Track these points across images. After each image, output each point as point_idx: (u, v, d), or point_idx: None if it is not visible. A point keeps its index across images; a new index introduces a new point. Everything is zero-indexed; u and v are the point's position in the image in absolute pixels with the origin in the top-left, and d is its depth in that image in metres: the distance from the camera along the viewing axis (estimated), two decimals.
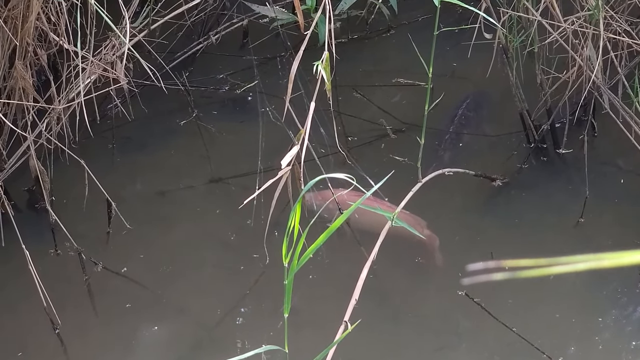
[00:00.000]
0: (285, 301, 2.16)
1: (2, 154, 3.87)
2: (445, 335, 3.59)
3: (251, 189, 3.11)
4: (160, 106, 4.48)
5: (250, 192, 2.96)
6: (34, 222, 4.01)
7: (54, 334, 3.63)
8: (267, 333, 3.58)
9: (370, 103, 4.52)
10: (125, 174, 4.26)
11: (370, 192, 2.09)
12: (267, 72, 4.69)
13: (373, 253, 2.81)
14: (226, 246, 3.95)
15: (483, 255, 3.82)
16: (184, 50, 4.69)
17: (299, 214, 2.07)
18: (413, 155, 3.98)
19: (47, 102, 3.86)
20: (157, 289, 3.78)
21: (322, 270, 3.80)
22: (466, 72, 4.59)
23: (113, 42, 3.87)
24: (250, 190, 3.03)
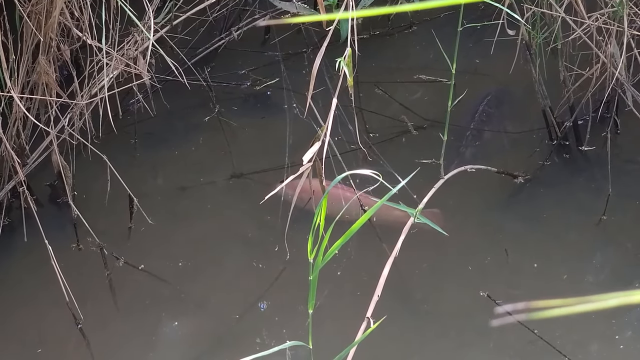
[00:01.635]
0: (310, 297, 2.16)
1: (25, 148, 3.88)
2: (466, 333, 3.58)
3: (272, 184, 3.11)
4: (182, 102, 4.48)
5: (272, 188, 2.96)
6: (56, 217, 4.02)
7: (76, 328, 3.63)
8: (289, 329, 3.58)
9: (391, 99, 4.52)
10: (147, 170, 4.26)
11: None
12: (289, 68, 4.68)
13: (395, 249, 2.80)
14: (247, 242, 3.95)
15: (503, 253, 3.81)
16: (206, 46, 4.70)
17: (324, 210, 2.07)
18: (434, 152, 3.98)
19: (70, 97, 3.87)
20: (178, 284, 3.79)
21: (342, 266, 3.80)
22: (488, 68, 4.57)
23: (135, 38, 3.87)
24: (272, 186, 3.03)
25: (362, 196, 3.67)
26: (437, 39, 3.62)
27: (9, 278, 3.82)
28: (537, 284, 3.72)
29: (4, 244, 3.87)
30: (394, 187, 2.19)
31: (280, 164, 4.14)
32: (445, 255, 3.85)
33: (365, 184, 3.76)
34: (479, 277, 3.76)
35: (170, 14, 4.30)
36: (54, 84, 3.60)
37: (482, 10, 4.58)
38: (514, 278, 3.74)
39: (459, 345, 3.55)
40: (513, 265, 3.79)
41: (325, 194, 2.08)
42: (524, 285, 3.72)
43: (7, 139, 3.67)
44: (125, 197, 3.94)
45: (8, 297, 3.76)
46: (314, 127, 3.92)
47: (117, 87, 3.87)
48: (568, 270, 3.76)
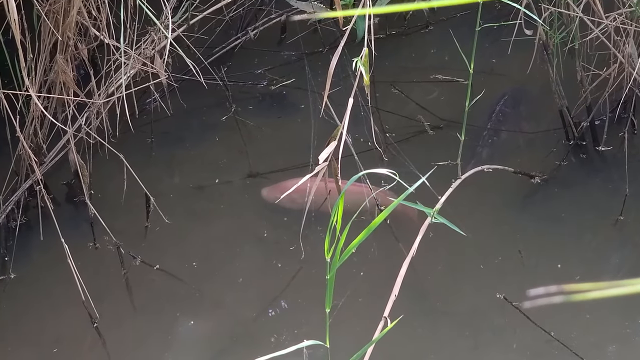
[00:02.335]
0: (327, 296, 2.16)
1: (42, 147, 3.89)
2: (483, 333, 3.57)
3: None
4: (199, 101, 4.49)
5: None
6: (73, 216, 4.03)
7: (92, 327, 3.64)
8: (306, 329, 3.58)
9: (408, 99, 4.51)
10: (163, 169, 4.27)
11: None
12: (305, 68, 4.68)
13: (413, 249, 2.80)
14: (263, 241, 3.95)
15: (520, 253, 3.81)
16: (222, 45, 4.70)
17: (341, 209, 2.07)
18: (451, 151, 3.98)
19: (87, 96, 3.88)
20: (194, 284, 3.79)
21: (358, 266, 3.79)
22: (505, 68, 4.56)
23: (152, 37, 3.88)
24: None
25: (372, 191, 3.70)
26: (454, 39, 3.61)
27: (26, 276, 3.83)
28: (553, 284, 3.70)
29: (21, 242, 3.88)
30: (410, 187, 2.18)
31: (296, 163, 4.14)
32: (461, 255, 3.85)
33: (382, 183, 3.78)
34: (494, 277, 3.76)
35: (187, 13, 4.30)
36: (71, 83, 3.60)
37: (499, 10, 4.57)
38: (530, 278, 3.74)
39: (475, 345, 3.54)
40: (529, 266, 3.78)
41: (342, 194, 2.08)
42: (540, 285, 3.70)
43: (25, 138, 3.67)
44: (142, 196, 3.94)
45: (25, 295, 3.78)
46: (331, 126, 3.92)
47: (134, 86, 3.87)
48: (585, 270, 3.76)
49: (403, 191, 2.24)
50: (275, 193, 3.99)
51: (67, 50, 3.63)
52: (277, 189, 3.99)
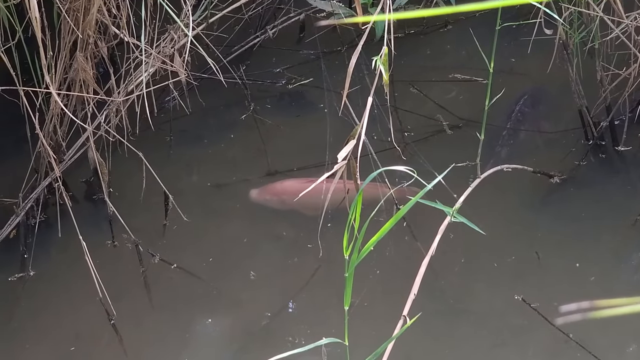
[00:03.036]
0: (346, 294, 2.16)
1: (62, 145, 3.90)
2: (500, 333, 3.57)
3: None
4: (217, 99, 4.50)
5: None
6: (92, 214, 4.04)
7: (109, 324, 3.65)
8: (323, 327, 3.57)
9: (426, 98, 4.51)
10: (182, 167, 4.28)
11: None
12: (324, 67, 4.68)
13: (432, 248, 2.79)
14: (280, 240, 3.95)
15: (538, 252, 3.80)
16: (241, 44, 4.71)
17: (359, 207, 2.07)
18: (469, 151, 3.97)
19: (106, 94, 3.89)
20: (212, 282, 3.79)
21: (376, 264, 3.79)
22: (524, 68, 4.55)
23: (172, 35, 3.88)
24: None
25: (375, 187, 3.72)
26: (474, 38, 3.60)
27: (45, 274, 3.84)
28: (571, 284, 3.70)
29: (40, 240, 3.90)
30: (427, 185, 2.18)
31: (315, 162, 4.14)
32: (478, 255, 3.84)
33: (397, 180, 3.77)
34: (512, 276, 3.75)
35: (207, 11, 4.31)
36: (91, 80, 3.61)
37: (518, 9, 4.56)
38: (548, 278, 3.73)
39: (493, 344, 3.54)
40: (546, 266, 3.77)
41: (360, 192, 2.08)
42: (558, 285, 3.70)
43: (44, 136, 3.69)
44: (160, 194, 3.95)
45: (44, 293, 3.79)
46: (349, 125, 3.92)
47: (153, 84, 3.88)
48: (603, 270, 3.75)
49: (416, 188, 2.24)
50: (264, 195, 3.99)
51: (87, 48, 3.64)
52: (266, 191, 4.00)
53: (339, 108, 3.23)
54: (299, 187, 3.86)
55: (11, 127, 4.16)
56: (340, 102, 3.02)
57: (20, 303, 3.77)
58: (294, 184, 3.96)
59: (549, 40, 3.94)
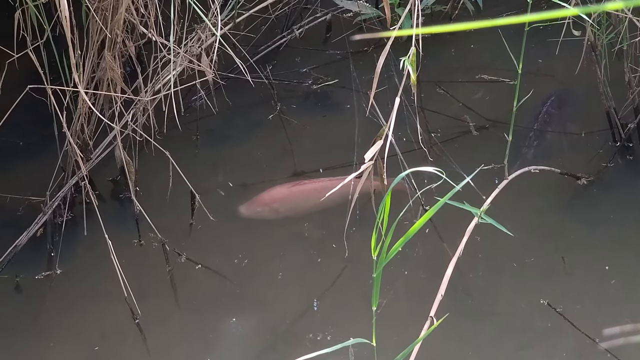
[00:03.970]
0: (374, 294, 2.16)
1: (89, 144, 3.92)
2: (525, 335, 3.56)
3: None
4: (244, 99, 4.50)
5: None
6: (118, 213, 4.05)
7: (133, 323, 3.66)
8: (349, 327, 3.57)
9: (452, 99, 4.50)
10: (208, 166, 4.28)
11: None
12: (350, 67, 4.68)
13: (459, 249, 2.79)
14: (306, 240, 3.95)
15: (565, 254, 3.78)
16: (268, 44, 4.71)
17: (388, 207, 2.07)
18: (495, 152, 3.95)
19: (133, 93, 3.90)
20: (238, 281, 3.80)
21: (403, 265, 3.79)
22: (551, 69, 4.54)
23: (199, 35, 3.89)
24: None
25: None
26: (503, 39, 3.59)
27: (72, 272, 3.85)
28: (597, 288, 3.69)
29: (67, 238, 3.91)
30: (456, 187, 2.18)
31: (341, 162, 4.14)
32: (504, 256, 3.83)
33: (425, 182, 3.77)
34: (537, 279, 3.74)
35: (234, 11, 4.32)
36: (119, 79, 3.62)
37: (546, 10, 4.54)
38: (574, 281, 3.71)
39: (518, 346, 3.53)
40: (573, 268, 3.76)
41: (389, 192, 2.08)
42: (584, 288, 3.69)
43: (72, 134, 3.70)
44: (186, 194, 3.96)
45: (70, 291, 3.80)
46: (375, 126, 3.92)
47: (180, 84, 3.89)
48: (630, 274, 3.73)
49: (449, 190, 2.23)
50: (254, 207, 3.97)
51: (114, 47, 3.65)
52: (256, 203, 3.98)
53: (366, 108, 3.24)
54: (288, 193, 3.89)
55: (38, 126, 4.19)
56: (366, 103, 3.03)
57: (47, 301, 3.78)
58: (281, 190, 3.96)
59: (577, 42, 3.93)
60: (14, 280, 3.81)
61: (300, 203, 3.94)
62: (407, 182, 3.72)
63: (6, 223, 3.99)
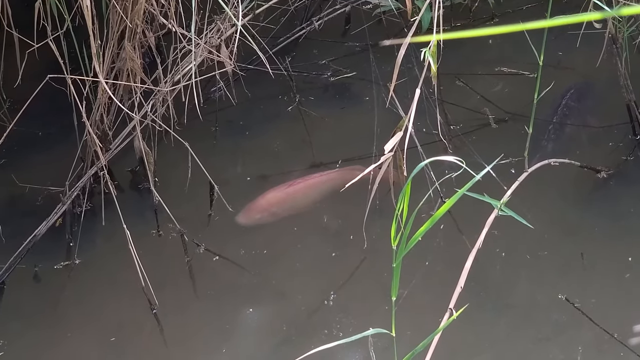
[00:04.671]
0: (393, 284, 2.16)
1: (108, 134, 3.92)
2: (542, 328, 3.55)
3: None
4: (262, 90, 4.50)
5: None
6: (137, 203, 4.06)
7: (151, 314, 3.66)
8: (367, 318, 3.57)
9: (471, 92, 4.49)
10: (227, 157, 4.29)
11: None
12: (369, 59, 4.68)
13: (479, 241, 2.78)
14: (326, 231, 3.95)
15: (582, 248, 3.77)
16: (287, 35, 4.71)
17: (407, 197, 2.06)
18: (514, 145, 3.94)
19: (153, 83, 3.90)
20: (257, 272, 3.80)
21: (421, 257, 3.78)
22: (571, 62, 4.52)
23: (219, 26, 3.89)
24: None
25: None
26: (525, 32, 3.58)
27: (91, 262, 3.87)
28: (616, 282, 3.67)
29: (86, 228, 3.92)
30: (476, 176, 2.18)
31: (360, 154, 4.14)
32: (521, 249, 3.82)
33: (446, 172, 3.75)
34: (555, 272, 3.73)
35: (253, 2, 4.31)
36: (139, 70, 3.63)
37: (566, 3, 4.53)
38: (592, 275, 3.70)
39: (535, 339, 3.52)
40: (591, 262, 3.75)
41: (409, 182, 2.08)
42: (603, 282, 3.68)
43: (91, 124, 3.70)
44: (204, 184, 3.96)
45: (89, 280, 3.81)
46: (394, 118, 3.91)
47: (199, 75, 3.89)
48: None
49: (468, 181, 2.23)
50: (253, 215, 3.95)
51: (134, 38, 3.65)
52: (253, 211, 3.96)
53: (385, 100, 3.22)
54: (283, 195, 3.90)
55: (58, 116, 4.20)
56: (385, 95, 3.02)
57: (65, 291, 3.79)
58: (276, 194, 3.96)
59: (597, 35, 3.91)
60: (32, 270, 3.83)
61: (296, 202, 3.94)
62: (427, 173, 3.71)
63: (25, 213, 4.01)
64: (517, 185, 3.41)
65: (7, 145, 3.74)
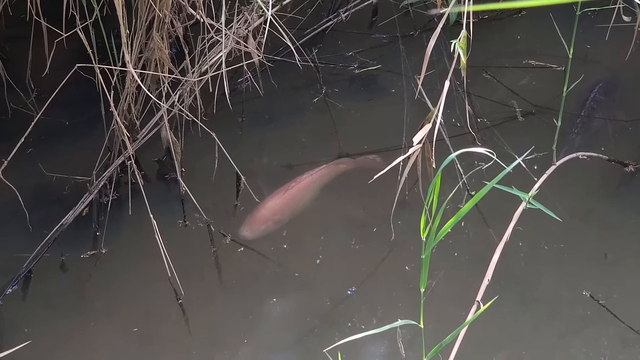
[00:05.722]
0: (422, 276, 2.15)
1: (136, 124, 3.93)
2: (568, 323, 3.54)
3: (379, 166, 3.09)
4: (289, 82, 4.50)
5: (378, 169, 2.89)
6: (163, 193, 4.07)
7: (176, 304, 3.67)
8: (391, 309, 3.58)
9: (499, 84, 4.48)
10: (253, 148, 4.28)
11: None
12: (396, 51, 4.67)
13: (506, 234, 2.78)
14: (352, 222, 3.95)
15: (610, 243, 3.76)
16: (314, 27, 4.71)
17: (437, 188, 2.06)
18: (541, 138, 3.94)
19: (180, 74, 3.90)
20: (282, 263, 3.80)
21: (446, 248, 3.78)
22: (599, 55, 4.50)
23: (246, 17, 3.89)
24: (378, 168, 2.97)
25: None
26: (545, 25, 3.57)
27: (117, 251, 3.87)
28: None
29: (112, 218, 3.93)
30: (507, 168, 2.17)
31: (386, 146, 4.14)
32: (546, 243, 3.81)
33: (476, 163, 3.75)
34: (580, 267, 3.72)
35: None
36: (167, 60, 3.63)
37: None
38: (616, 270, 3.70)
39: (561, 334, 3.52)
40: (617, 258, 3.74)
41: (439, 174, 2.07)
42: (627, 278, 3.67)
43: (118, 114, 3.71)
44: (231, 175, 3.97)
45: (115, 270, 3.82)
46: (422, 109, 3.92)
47: (226, 65, 3.89)
48: None
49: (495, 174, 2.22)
50: (257, 227, 3.92)
51: (163, 28, 3.66)
52: (256, 223, 3.93)
53: (412, 92, 3.22)
54: (282, 201, 3.90)
55: (84, 106, 4.21)
56: (412, 87, 3.02)
57: (92, 280, 3.80)
58: (276, 201, 3.95)
59: (627, 28, 3.89)
60: (59, 259, 3.84)
61: (295, 205, 3.94)
62: (456, 164, 3.71)
63: (52, 202, 4.02)
64: (541, 178, 3.41)
65: (34, 134, 3.74)
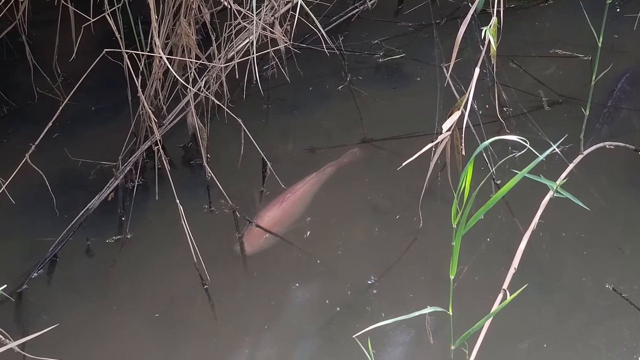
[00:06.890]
0: (452, 263, 2.15)
1: (162, 109, 3.94)
2: (592, 313, 3.54)
3: (404, 154, 3.08)
4: (314, 69, 4.50)
5: (403, 157, 2.88)
6: (189, 179, 4.07)
7: (202, 289, 3.68)
8: (415, 297, 3.57)
9: (525, 74, 4.46)
10: (278, 135, 4.29)
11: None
12: (422, 39, 4.66)
13: (533, 223, 2.77)
14: (376, 210, 3.95)
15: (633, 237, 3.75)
16: (340, 14, 4.70)
17: (470, 175, 2.06)
18: (567, 127, 3.92)
19: (207, 60, 3.91)
20: (307, 250, 3.80)
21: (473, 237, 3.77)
22: (626, 45, 4.48)
23: (272, 4, 3.88)
24: (403, 156, 2.94)
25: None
26: (570, 14, 3.55)
27: (142, 237, 3.88)
28: None
29: (138, 203, 3.94)
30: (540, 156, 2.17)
31: (411, 132, 4.13)
32: (572, 233, 3.80)
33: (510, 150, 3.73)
34: (605, 257, 3.71)
35: None
36: (194, 45, 3.63)
37: None
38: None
39: (585, 324, 3.51)
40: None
41: (471, 161, 2.07)
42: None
43: (145, 99, 3.71)
44: (255, 161, 3.97)
45: (140, 255, 3.83)
46: (445, 98, 3.92)
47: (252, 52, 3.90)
48: None
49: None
50: (258, 241, 3.90)
51: (190, 14, 3.66)
52: (258, 237, 3.91)
53: (438, 81, 3.21)
54: (281, 212, 3.89)
55: (110, 92, 4.22)
56: (439, 75, 3.01)
57: (117, 265, 3.81)
58: (273, 212, 3.94)
59: None
60: (84, 244, 3.85)
61: (293, 215, 3.94)
62: (488, 152, 3.70)
63: (78, 187, 4.03)
64: (562, 168, 3.40)
65: (60, 119, 3.75)
